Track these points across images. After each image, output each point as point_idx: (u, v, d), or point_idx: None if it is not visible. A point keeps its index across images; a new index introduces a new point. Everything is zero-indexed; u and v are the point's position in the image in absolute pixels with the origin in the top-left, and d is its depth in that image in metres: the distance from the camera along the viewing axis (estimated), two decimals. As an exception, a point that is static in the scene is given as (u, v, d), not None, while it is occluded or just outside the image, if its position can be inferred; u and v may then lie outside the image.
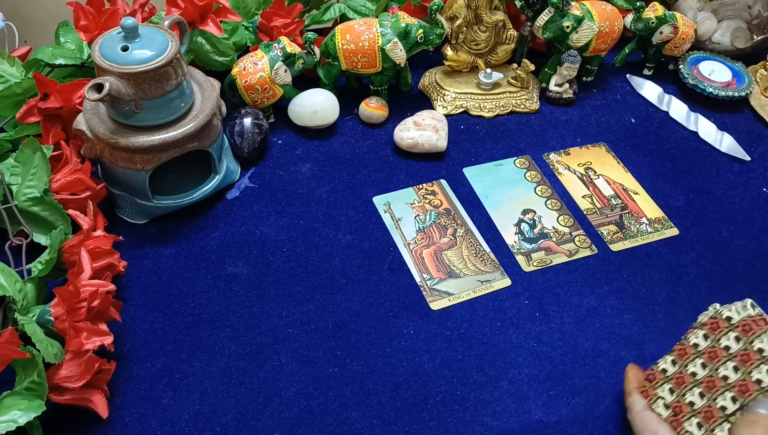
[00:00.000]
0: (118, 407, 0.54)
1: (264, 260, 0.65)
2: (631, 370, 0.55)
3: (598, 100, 0.87)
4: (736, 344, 0.49)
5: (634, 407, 0.52)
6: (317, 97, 0.76)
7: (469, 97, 0.83)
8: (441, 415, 0.55)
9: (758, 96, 0.87)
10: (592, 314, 0.63)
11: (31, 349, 0.47)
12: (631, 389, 0.53)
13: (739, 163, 0.79)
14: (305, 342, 0.59)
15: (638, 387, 0.53)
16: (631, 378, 0.54)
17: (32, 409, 0.47)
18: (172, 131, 0.61)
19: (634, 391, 0.53)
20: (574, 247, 0.68)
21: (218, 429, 0.53)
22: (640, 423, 0.51)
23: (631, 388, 0.54)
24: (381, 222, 0.70)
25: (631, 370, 0.55)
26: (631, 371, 0.55)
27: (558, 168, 0.77)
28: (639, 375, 0.54)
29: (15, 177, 0.62)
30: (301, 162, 0.75)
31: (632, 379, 0.54)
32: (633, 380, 0.54)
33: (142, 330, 0.59)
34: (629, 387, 0.54)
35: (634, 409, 0.52)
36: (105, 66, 0.57)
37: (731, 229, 0.71)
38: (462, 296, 0.63)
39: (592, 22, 0.80)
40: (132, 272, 0.63)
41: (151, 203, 0.65)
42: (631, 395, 0.53)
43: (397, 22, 0.75)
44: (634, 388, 0.53)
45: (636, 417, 0.52)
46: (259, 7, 0.82)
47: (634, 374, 0.54)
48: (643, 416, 0.51)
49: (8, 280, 0.51)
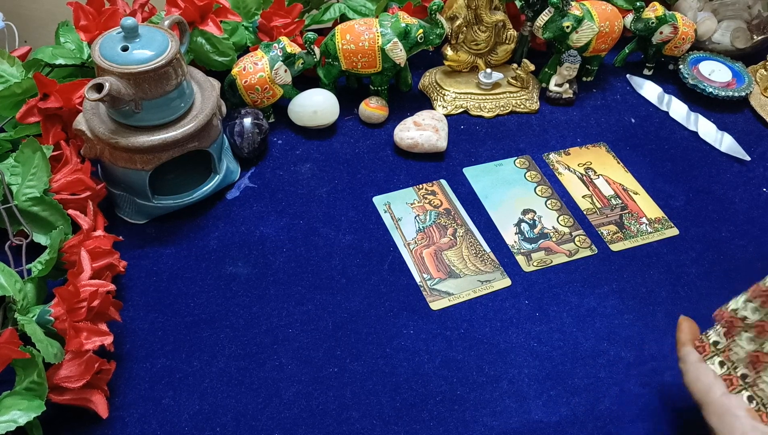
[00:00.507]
0: (118, 407, 0.54)
1: (264, 260, 0.65)
2: (685, 321, 0.53)
3: (598, 100, 0.87)
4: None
5: (689, 358, 0.50)
6: (317, 97, 0.76)
7: (469, 97, 0.83)
8: (441, 415, 0.55)
9: (758, 96, 0.87)
10: (592, 314, 0.63)
11: (31, 349, 0.48)
12: (686, 340, 0.51)
13: (739, 163, 0.79)
14: (305, 342, 0.59)
15: (693, 339, 0.51)
16: (684, 329, 0.52)
17: (32, 409, 0.47)
18: (172, 131, 0.61)
19: (689, 342, 0.51)
20: (574, 247, 0.68)
21: (218, 429, 0.53)
22: (694, 374, 0.49)
23: (685, 338, 0.51)
24: (381, 222, 0.70)
25: (685, 321, 0.53)
26: (685, 322, 0.53)
27: (558, 168, 0.77)
28: (693, 327, 0.52)
29: (15, 177, 0.62)
30: (301, 162, 0.75)
31: (686, 330, 0.52)
32: (687, 331, 0.52)
33: (142, 330, 0.59)
34: (683, 337, 0.52)
35: (688, 359, 0.50)
36: (105, 66, 0.57)
37: (731, 229, 0.71)
38: (462, 296, 0.63)
39: (592, 22, 0.80)
40: (132, 272, 0.63)
41: (151, 203, 0.65)
42: (685, 345, 0.51)
43: (397, 22, 0.75)
44: (688, 340, 0.51)
45: (691, 368, 0.49)
46: (259, 7, 0.82)
47: (689, 326, 0.52)
48: (699, 368, 0.49)
49: (8, 280, 0.51)
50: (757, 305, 0.48)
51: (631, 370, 0.59)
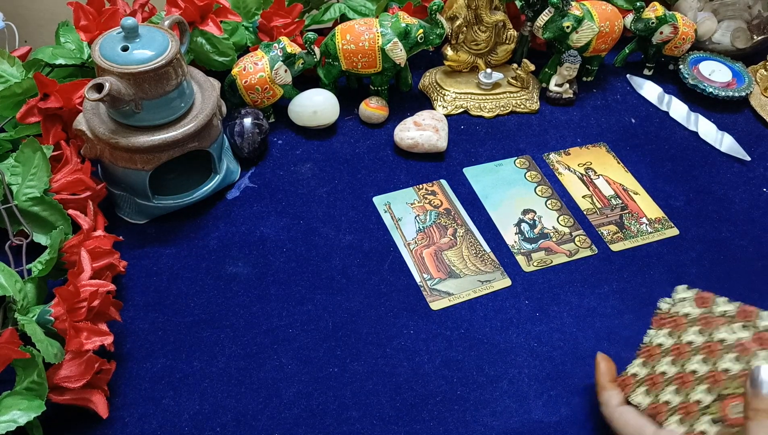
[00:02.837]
0: (118, 407, 0.54)
1: (264, 260, 0.65)
2: (603, 361, 0.50)
3: (598, 100, 0.87)
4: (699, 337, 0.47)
5: (611, 402, 0.48)
6: (317, 97, 0.76)
7: (469, 97, 0.83)
8: (441, 415, 0.55)
9: (758, 96, 0.87)
10: (592, 314, 0.63)
11: (31, 349, 0.47)
12: (605, 382, 0.49)
13: (739, 163, 0.79)
14: (305, 342, 0.59)
15: (612, 380, 0.49)
16: (604, 371, 0.50)
17: (32, 409, 0.47)
18: (172, 131, 0.61)
19: (609, 384, 0.49)
20: (574, 247, 0.68)
21: (218, 429, 0.53)
22: (621, 420, 0.47)
23: (604, 381, 0.49)
24: (381, 222, 0.70)
25: (603, 361, 0.50)
26: (603, 363, 0.50)
27: (558, 168, 0.77)
28: (611, 366, 0.50)
29: (15, 177, 0.62)
30: (301, 162, 0.75)
31: (605, 371, 0.50)
32: (606, 373, 0.49)
33: (142, 330, 0.59)
34: (602, 380, 0.49)
35: (611, 404, 0.48)
36: (105, 66, 0.57)
37: (731, 229, 0.71)
38: (462, 296, 0.63)
39: (592, 22, 0.80)
40: (132, 272, 0.63)
41: (151, 203, 0.65)
42: (605, 389, 0.49)
43: (397, 22, 0.75)
44: (607, 381, 0.49)
45: (615, 413, 0.48)
46: (259, 7, 0.82)
47: (607, 366, 0.50)
48: (623, 412, 0.47)
49: (8, 280, 0.51)
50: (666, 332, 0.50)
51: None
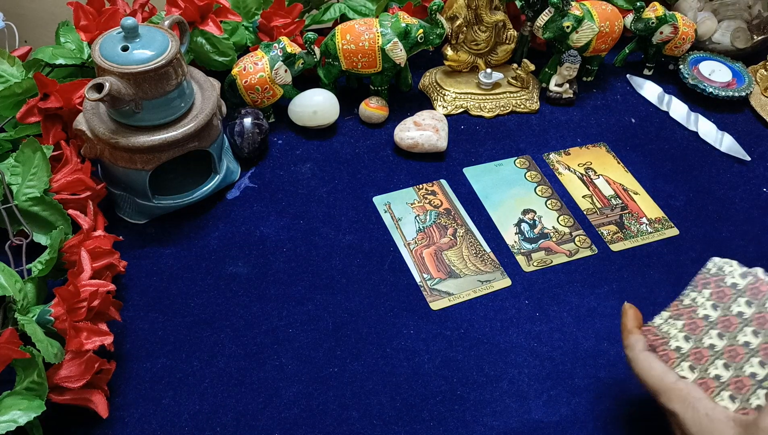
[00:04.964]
0: (118, 407, 0.54)
1: (264, 260, 0.65)
2: (630, 308, 0.50)
3: (598, 100, 0.87)
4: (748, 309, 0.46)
5: (637, 346, 0.48)
6: (317, 97, 0.76)
7: (469, 97, 0.83)
8: (441, 415, 0.55)
9: (758, 96, 0.87)
10: (592, 314, 0.63)
11: (31, 349, 0.47)
12: (632, 327, 0.49)
13: (739, 163, 0.79)
14: (305, 342, 0.59)
15: (638, 326, 0.49)
16: (631, 316, 0.50)
17: (32, 409, 0.47)
18: (173, 131, 0.61)
19: (635, 329, 0.49)
20: (574, 247, 0.68)
21: (218, 429, 0.53)
22: (646, 362, 0.47)
23: (631, 325, 0.49)
24: (381, 222, 0.70)
25: (631, 308, 0.50)
26: (630, 309, 0.50)
27: (558, 168, 0.77)
28: (638, 315, 0.50)
29: (15, 177, 0.62)
30: (301, 162, 0.75)
31: (632, 317, 0.50)
32: (633, 318, 0.50)
33: (142, 330, 0.59)
34: (629, 324, 0.49)
35: (636, 347, 0.48)
36: (105, 66, 0.57)
37: (731, 229, 0.71)
38: (462, 296, 0.63)
39: (592, 22, 0.80)
40: (132, 272, 0.63)
41: (151, 203, 0.65)
42: (632, 333, 0.49)
43: (397, 22, 0.75)
44: (635, 326, 0.49)
45: (640, 356, 0.47)
46: (259, 7, 0.82)
47: (634, 313, 0.50)
48: (648, 356, 0.47)
49: (8, 280, 0.51)
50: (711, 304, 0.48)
51: (632, 370, 0.58)
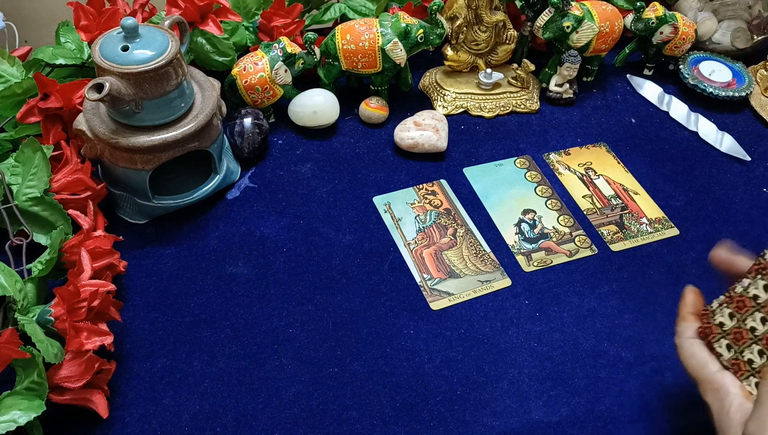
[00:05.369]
0: (118, 407, 0.54)
1: (264, 260, 0.65)
2: (690, 293, 0.50)
3: (598, 100, 0.87)
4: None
5: (686, 333, 0.47)
6: (317, 97, 0.76)
7: (469, 97, 0.83)
8: (441, 415, 0.55)
9: (758, 96, 0.87)
10: (592, 314, 0.63)
11: (31, 349, 0.48)
12: (686, 314, 0.49)
13: (739, 163, 0.79)
14: (305, 342, 0.59)
15: (694, 313, 0.48)
16: (688, 302, 0.49)
17: (32, 409, 0.47)
18: (173, 131, 0.61)
19: (690, 316, 0.48)
20: (574, 247, 0.68)
21: (218, 429, 0.53)
22: (689, 350, 0.47)
23: (686, 312, 0.49)
24: (381, 222, 0.70)
25: (691, 293, 0.50)
26: (690, 295, 0.50)
27: (558, 168, 0.77)
28: (698, 301, 0.49)
29: (15, 177, 0.62)
30: (301, 162, 0.75)
31: (689, 303, 0.49)
32: (690, 305, 0.49)
33: (142, 330, 0.59)
34: (684, 311, 0.49)
35: (684, 334, 0.48)
36: (105, 66, 0.57)
37: (731, 229, 0.71)
38: (462, 296, 0.63)
39: (592, 22, 0.80)
40: (132, 272, 0.63)
41: (151, 203, 0.65)
42: (684, 320, 0.48)
43: (398, 22, 0.75)
44: (689, 313, 0.49)
45: (685, 343, 0.47)
46: (259, 7, 0.82)
47: (693, 299, 0.49)
48: (694, 344, 0.47)
49: (8, 280, 0.51)
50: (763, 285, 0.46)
51: (632, 370, 0.59)
